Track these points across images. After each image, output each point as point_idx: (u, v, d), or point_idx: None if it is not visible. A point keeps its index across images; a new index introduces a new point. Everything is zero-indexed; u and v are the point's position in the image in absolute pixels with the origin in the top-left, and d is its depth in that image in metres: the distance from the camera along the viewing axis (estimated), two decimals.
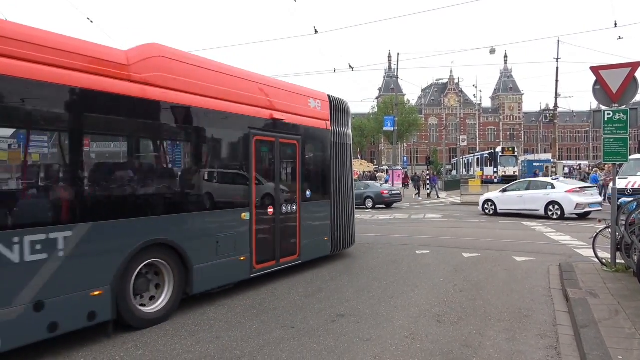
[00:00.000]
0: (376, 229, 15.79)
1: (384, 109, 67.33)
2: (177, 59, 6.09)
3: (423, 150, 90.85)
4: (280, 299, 6.56)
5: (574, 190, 16.82)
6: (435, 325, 5.35)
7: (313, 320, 5.54)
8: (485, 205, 19.52)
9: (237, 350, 4.62)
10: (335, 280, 7.79)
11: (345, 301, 6.37)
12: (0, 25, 4.54)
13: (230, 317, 5.76)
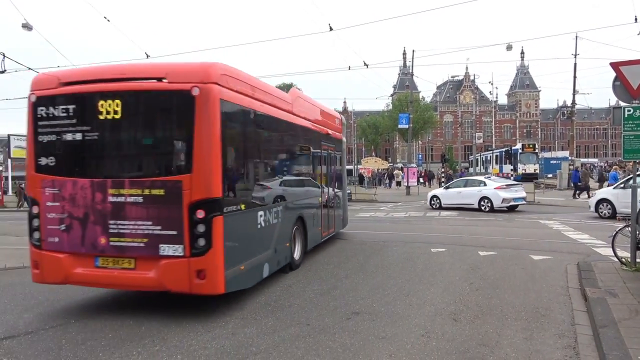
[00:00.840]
0: (391, 226, 15.75)
1: (398, 106, 66.96)
2: (303, 98, 9.76)
3: (438, 147, 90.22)
4: (295, 296, 6.58)
5: (501, 187, 19.76)
6: (451, 323, 5.32)
7: (328, 318, 5.55)
8: (432, 201, 21.97)
9: (253, 347, 4.65)
10: (350, 278, 7.79)
11: (361, 299, 6.37)
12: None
13: (245, 313, 5.79)
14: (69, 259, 5.79)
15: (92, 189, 5.69)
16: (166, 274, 5.47)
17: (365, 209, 24.41)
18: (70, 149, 5.84)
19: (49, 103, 5.84)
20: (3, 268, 9.27)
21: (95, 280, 5.87)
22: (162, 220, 5.48)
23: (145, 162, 5.93)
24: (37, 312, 6.02)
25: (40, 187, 5.89)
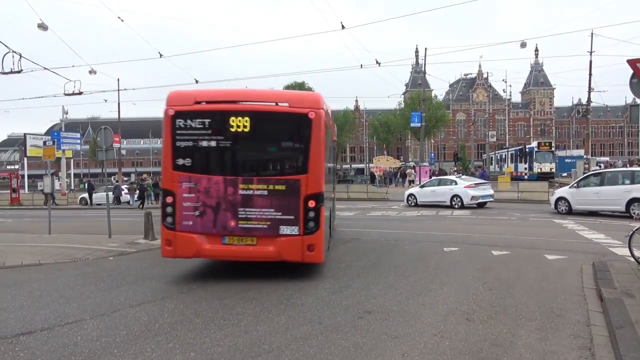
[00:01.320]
0: (402, 225, 15.69)
1: (410, 104, 66.64)
2: None
3: (450, 146, 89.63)
4: (308, 295, 6.58)
5: (470, 186, 21.59)
6: (464, 323, 5.28)
7: (340, 317, 5.55)
8: (409, 198, 23.57)
9: (265, 345, 4.66)
10: (361, 276, 7.77)
11: (373, 298, 6.35)
12: None
13: (258, 311, 5.81)
14: (200, 238, 7.40)
15: (224, 184, 7.35)
16: (284, 248, 7.30)
17: (377, 207, 24.35)
18: (205, 153, 7.46)
19: (186, 116, 7.36)
20: (19, 265, 9.42)
21: (221, 254, 7.63)
22: (282, 208, 7.28)
23: (270, 165, 7.76)
24: (52, 308, 6.09)
25: (177, 181, 7.40)
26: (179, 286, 7.28)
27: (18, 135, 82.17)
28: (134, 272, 8.63)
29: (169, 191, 7.49)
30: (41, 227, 15.55)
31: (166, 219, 7.49)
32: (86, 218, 22.31)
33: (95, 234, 14.11)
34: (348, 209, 23.66)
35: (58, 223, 16.19)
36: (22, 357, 4.41)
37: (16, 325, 5.39)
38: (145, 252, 11.03)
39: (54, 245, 11.84)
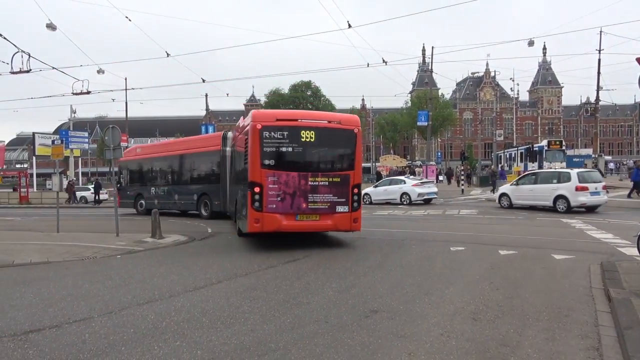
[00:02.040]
0: (409, 224, 15.66)
1: (417, 103, 66.48)
2: None
3: (457, 145, 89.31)
4: (314, 294, 6.59)
5: (417, 184, 24.28)
6: (471, 323, 5.27)
7: (346, 316, 5.55)
8: (364, 197, 24.18)
9: (272, 344, 4.67)
10: (368, 276, 7.77)
11: (379, 297, 6.35)
12: None
13: (264, 310, 5.83)
14: (280, 217, 10.21)
15: (298, 177, 10.25)
16: (339, 221, 10.50)
17: (384, 207, 24.31)
18: (283, 156, 10.27)
19: (269, 129, 10.19)
20: (28, 263, 9.50)
21: (295, 228, 10.44)
22: (338, 194, 10.46)
23: (329, 164, 10.75)
24: (61, 306, 6.14)
25: (264, 176, 10.13)
26: (185, 285, 7.31)
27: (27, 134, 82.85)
28: (141, 270, 8.67)
29: (258, 183, 10.15)
30: (49, 226, 15.67)
31: (254, 203, 10.13)
32: (93, 217, 22.45)
33: (103, 232, 14.21)
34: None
35: (66, 221, 16.31)
36: (31, 355, 4.45)
37: (25, 323, 5.44)
38: (152, 251, 11.09)
39: (62, 243, 11.94)
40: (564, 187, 18.25)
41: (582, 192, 17.76)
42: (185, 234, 13.78)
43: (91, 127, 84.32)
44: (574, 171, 18.98)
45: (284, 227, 10.30)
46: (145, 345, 4.67)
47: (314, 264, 8.94)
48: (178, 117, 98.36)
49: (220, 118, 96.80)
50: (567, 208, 18.00)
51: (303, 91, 76.90)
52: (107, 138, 13.81)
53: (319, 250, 10.45)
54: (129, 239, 12.53)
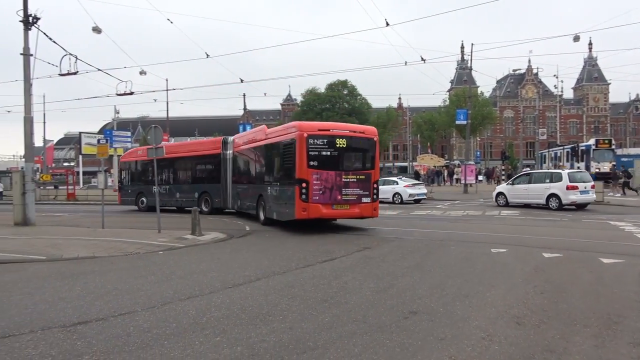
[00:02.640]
0: (448, 225, 15.39)
1: (455, 101, 65.19)
2: None
3: (497, 144, 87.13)
4: (352, 293, 6.56)
5: (408, 185, 26.51)
6: (514, 327, 5.11)
7: (385, 316, 5.49)
8: None
9: (310, 342, 4.67)
10: (406, 276, 7.67)
11: (418, 298, 6.26)
12: None
13: (302, 309, 5.84)
14: (321, 206, 13.06)
15: (334, 175, 13.16)
16: (363, 209, 13.50)
17: (421, 206, 23.99)
18: (323, 158, 13.12)
19: (313, 137, 13.09)
20: (76, 257, 9.88)
21: (331, 215, 13.54)
22: (363, 188, 13.43)
23: (357, 164, 13.74)
24: (106, 300, 6.35)
25: (310, 174, 12.93)
26: (225, 282, 7.43)
27: (73, 133, 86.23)
28: (182, 266, 8.87)
29: (304, 180, 12.92)
30: (95, 222, 16.27)
31: (302, 196, 12.90)
32: (136, 214, 23.12)
33: (145, 229, 14.62)
34: (391, 208, 23.43)
35: (110, 218, 16.88)
36: (79, 345, 4.61)
37: (73, 315, 5.65)
38: (193, 247, 11.33)
39: (107, 239, 12.36)
40: (556, 186, 19.87)
41: (573, 191, 19.45)
42: (224, 232, 14.01)
43: (133, 127, 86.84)
44: (564, 171, 21.03)
45: (324, 214, 13.27)
46: (187, 340, 4.77)
47: (351, 263, 8.91)
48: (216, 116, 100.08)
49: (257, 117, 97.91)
50: (559, 206, 19.56)
51: (339, 90, 76.76)
52: (150, 137, 14.20)
53: (356, 250, 10.41)
54: (170, 236, 12.84)
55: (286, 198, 13.71)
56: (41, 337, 4.87)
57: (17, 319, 5.51)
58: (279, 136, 14.79)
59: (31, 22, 16.14)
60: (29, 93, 16.45)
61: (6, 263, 9.31)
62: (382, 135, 79.09)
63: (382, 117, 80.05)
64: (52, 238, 12.61)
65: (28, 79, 16.36)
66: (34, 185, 16.72)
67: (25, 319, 5.49)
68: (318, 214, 13.08)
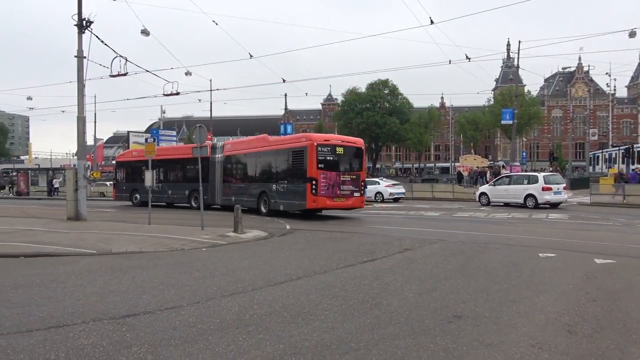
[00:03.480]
0: (492, 228, 14.99)
1: (501, 101, 63.53)
2: None
3: (544, 145, 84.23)
4: (393, 295, 6.49)
5: (389, 185, 29.45)
6: (565, 335, 4.90)
7: (428, 319, 5.39)
8: None
9: (352, 343, 4.64)
10: (449, 279, 7.51)
11: (462, 302, 6.11)
12: None
13: (344, 309, 5.82)
14: (326, 198, 17.00)
15: (335, 175, 17.18)
16: (355, 202, 17.90)
17: (464, 208, 23.50)
18: (327, 162, 17.09)
19: (321, 146, 17.08)
20: (124, 252, 10.24)
21: (332, 205, 17.54)
22: (354, 185, 17.69)
23: (351, 166, 17.92)
24: (153, 294, 6.54)
25: (318, 174, 16.73)
26: (267, 279, 7.50)
27: (122, 132, 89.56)
28: (224, 263, 9.03)
29: (314, 178, 16.75)
30: (142, 218, 16.82)
31: (312, 190, 16.68)
32: (180, 211, 23.76)
33: (189, 226, 14.99)
34: (432, 209, 23.06)
35: (155, 214, 17.41)
36: (128, 337, 4.76)
37: (122, 307, 5.85)
38: (235, 245, 11.52)
39: (153, 235, 12.75)
40: (533, 187, 22.28)
41: (547, 192, 21.84)
42: (265, 230, 14.17)
43: (178, 126, 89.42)
44: (540, 174, 23.48)
45: (328, 205, 17.42)
46: (231, 336, 4.84)
47: (393, 264, 8.82)
48: (257, 116, 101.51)
49: (297, 117, 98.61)
50: (535, 205, 21.93)
51: (380, 90, 76.17)
52: (195, 137, 14.56)
53: (397, 251, 10.30)
54: (213, 233, 13.11)
55: (297, 193, 17.49)
56: (93, 327, 5.06)
57: (70, 309, 5.76)
58: (288, 144, 18.95)
59: (85, 26, 16.86)
60: (82, 94, 17.19)
61: (60, 256, 9.76)
62: (424, 136, 78.10)
63: (424, 117, 78.86)
64: (102, 233, 13.13)
65: (81, 80, 17.10)
66: (86, 182, 17.45)
67: (78, 310, 5.73)
68: (324, 204, 17.26)
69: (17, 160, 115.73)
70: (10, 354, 4.28)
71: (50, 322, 5.24)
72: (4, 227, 14.08)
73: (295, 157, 17.79)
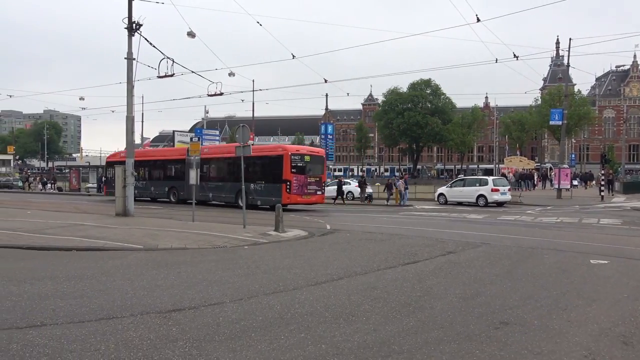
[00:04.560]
0: (539, 232, 14.49)
1: (548, 100, 61.40)
2: None
3: (595, 146, 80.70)
4: (437, 299, 6.36)
5: (357, 185, 31.36)
6: (620, 346, 4.66)
7: (473, 325, 5.24)
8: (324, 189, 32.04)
9: (395, 346, 4.58)
10: (495, 284, 7.30)
11: (509, 308, 5.91)
12: None
13: (386, 311, 5.75)
14: (297, 196, 21.55)
15: (304, 177, 21.98)
16: (317, 199, 22.94)
17: (509, 211, 22.85)
18: (298, 167, 21.83)
19: (294, 155, 21.98)
20: (169, 248, 10.52)
21: (301, 202, 22.06)
22: (318, 185, 22.79)
23: (315, 171, 22.85)
24: (197, 290, 6.67)
25: (292, 177, 21.34)
26: (308, 279, 7.52)
27: (167, 132, 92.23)
28: (266, 261, 9.12)
29: (289, 180, 21.07)
30: (185, 215, 17.24)
31: (287, 190, 20.96)
32: (221, 209, 24.21)
33: (232, 223, 15.23)
34: (475, 212, 22.53)
35: (198, 212, 17.81)
36: (174, 331, 4.88)
37: (168, 302, 6.00)
38: (276, 244, 11.62)
39: (196, 232, 13.04)
40: (483, 189, 25.95)
41: (496, 193, 25.45)
42: (306, 229, 14.23)
43: (221, 126, 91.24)
44: (490, 178, 27.20)
45: (298, 201, 21.63)
46: (273, 334, 4.87)
47: (435, 268, 8.65)
48: (298, 116, 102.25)
49: (337, 117, 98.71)
50: (485, 204, 25.36)
51: (422, 89, 75.18)
52: (238, 136, 14.79)
53: (440, 254, 10.11)
54: (254, 231, 13.28)
55: (273, 191, 21.59)
56: (140, 321, 5.22)
57: (119, 302, 5.96)
58: (266, 152, 23.41)
59: (134, 29, 17.44)
60: (131, 94, 17.81)
61: (110, 250, 10.13)
62: (467, 136, 76.44)
63: (467, 117, 77.24)
64: (148, 229, 13.54)
65: (130, 81, 17.71)
66: (134, 179, 18.05)
67: (126, 303, 5.92)
68: (295, 201, 21.53)
69: (70, 158, 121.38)
70: (65, 344, 4.47)
71: (100, 314, 5.44)
72: (58, 222, 14.76)
73: (273, 163, 22.07)
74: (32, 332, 4.76)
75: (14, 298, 6.07)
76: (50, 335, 4.67)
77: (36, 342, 4.49)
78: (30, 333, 4.74)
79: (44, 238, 11.30)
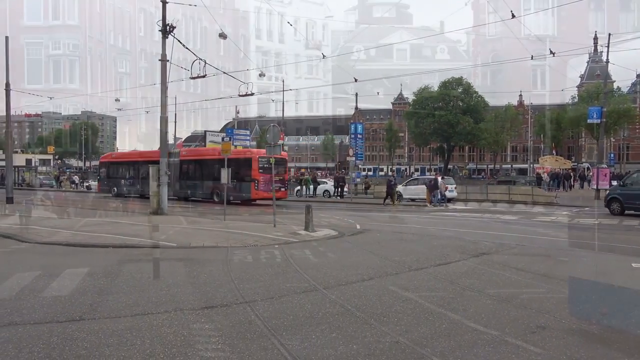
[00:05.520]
0: (576, 234, 14.05)
1: (586, 98, 59.44)
2: None
3: (636, 145, 77.73)
4: (470, 301, 6.23)
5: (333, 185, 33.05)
6: None
7: (508, 328, 5.11)
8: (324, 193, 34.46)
9: (428, 348, 4.51)
10: (530, 287, 7.11)
11: (546, 312, 5.73)
12: None
13: (417, 312, 5.67)
14: (263, 192, 24.33)
15: (269, 177, 21.63)
16: (281, 194, 25.61)
17: (544, 212, 22.27)
18: (264, 168, 23.81)
19: (261, 158, 24.39)
20: (202, 246, 10.68)
21: (268, 197, 22.91)
22: (281, 183, 25.91)
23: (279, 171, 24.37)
24: (229, 287, 6.75)
25: (259, 176, 24.61)
26: (338, 278, 7.49)
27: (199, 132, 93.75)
28: (297, 260, 9.14)
29: (257, 179, 24.54)
30: (217, 214, 17.50)
31: (255, 187, 24.51)
32: (252, 208, 24.47)
33: (262, 222, 15.36)
34: (509, 212, 22.06)
35: (229, 211, 18.05)
36: (207, 328, 4.95)
37: (201, 299, 6.09)
38: (306, 243, 11.63)
39: (227, 230, 13.20)
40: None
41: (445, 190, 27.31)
42: (335, 229, 14.19)
43: (251, 126, 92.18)
44: (439, 178, 28.53)
45: (265, 196, 23.91)
46: (304, 333, 4.87)
47: (468, 269, 8.49)
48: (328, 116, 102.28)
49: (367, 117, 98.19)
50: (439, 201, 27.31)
51: (454, 88, 73.97)
52: (269, 136, 14.92)
53: (473, 255, 9.91)
54: (285, 231, 13.34)
55: (244, 188, 24.98)
56: (174, 317, 5.31)
57: (154, 299, 6.08)
58: (238, 155, 26.00)
59: (168, 31, 17.80)
60: (165, 95, 18.18)
61: (144, 247, 10.37)
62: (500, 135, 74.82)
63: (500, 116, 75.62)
64: (181, 227, 13.80)
65: (164, 82, 18.09)
66: (167, 178, 18.43)
67: (161, 300, 6.04)
68: (263, 196, 24.32)
69: None
70: (102, 338, 4.59)
71: (136, 309, 5.57)
72: (95, 219, 15.23)
73: (243, 164, 25.27)
74: (72, 327, 4.91)
75: (54, 293, 6.29)
76: (89, 330, 4.81)
77: (75, 335, 4.63)
78: (70, 327, 4.89)
79: (82, 235, 11.65)
